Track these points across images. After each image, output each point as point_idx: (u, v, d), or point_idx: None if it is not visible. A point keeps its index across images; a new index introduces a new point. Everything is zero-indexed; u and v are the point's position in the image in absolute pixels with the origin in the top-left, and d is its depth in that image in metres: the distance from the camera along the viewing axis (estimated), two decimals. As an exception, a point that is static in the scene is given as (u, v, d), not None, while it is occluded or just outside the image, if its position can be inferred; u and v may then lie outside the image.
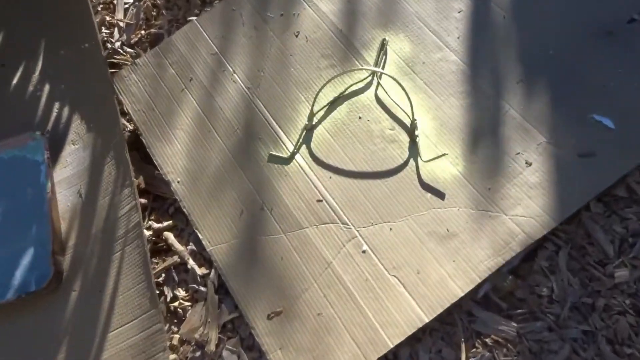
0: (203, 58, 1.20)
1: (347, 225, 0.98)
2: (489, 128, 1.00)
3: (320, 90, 1.06)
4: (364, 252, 0.96)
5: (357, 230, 0.98)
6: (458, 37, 1.09)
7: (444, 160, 0.99)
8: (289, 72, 1.14)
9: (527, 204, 0.92)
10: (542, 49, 1.04)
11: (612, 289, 0.86)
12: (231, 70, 1.17)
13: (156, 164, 1.12)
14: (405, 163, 1.01)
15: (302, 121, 1.09)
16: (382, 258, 0.95)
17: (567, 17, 1.06)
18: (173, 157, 1.12)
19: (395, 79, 1.02)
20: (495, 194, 0.95)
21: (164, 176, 1.11)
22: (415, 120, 1.02)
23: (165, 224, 1.09)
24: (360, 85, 1.10)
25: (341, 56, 1.13)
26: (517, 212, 0.92)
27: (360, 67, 1.11)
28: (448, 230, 0.94)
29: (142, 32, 1.30)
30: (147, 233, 1.07)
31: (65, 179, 1.17)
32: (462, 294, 0.88)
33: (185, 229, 1.09)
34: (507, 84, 1.03)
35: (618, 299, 0.85)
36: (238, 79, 1.16)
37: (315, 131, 1.08)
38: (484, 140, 0.99)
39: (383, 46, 1.11)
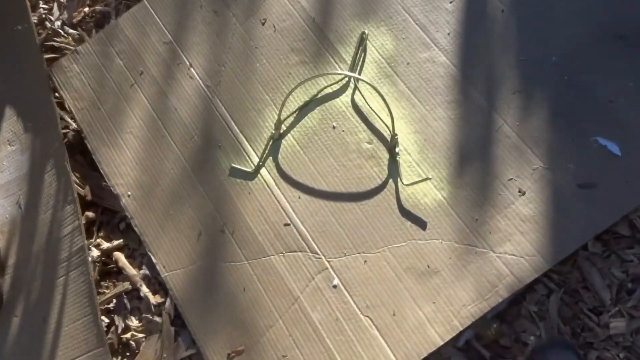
0: (155, 47, 1.04)
1: (317, 255, 0.88)
2: (480, 147, 0.88)
3: (288, 95, 0.92)
4: (334, 286, 0.86)
5: (328, 261, 0.87)
6: (449, 34, 0.94)
7: (428, 182, 0.88)
8: (253, 67, 1.00)
9: (518, 240, 0.82)
10: (544, 54, 0.90)
11: (606, 341, 0.78)
12: (187, 63, 1.02)
13: (103, 173, 0.99)
14: (384, 184, 0.90)
15: (268, 128, 0.96)
16: (354, 295, 0.85)
17: (575, 16, 0.92)
18: (122, 167, 0.99)
19: (374, 87, 0.89)
20: (483, 226, 0.84)
21: (112, 189, 0.98)
22: (396, 135, 0.89)
23: (116, 242, 0.98)
24: (335, 87, 0.96)
25: (314, 51, 0.98)
26: (506, 249, 0.82)
27: (335, 71, 0.97)
28: (429, 267, 0.84)
29: (86, 9, 1.13)
30: (95, 253, 0.96)
31: (3, 185, 1.04)
32: (442, 343, 0.80)
33: (137, 249, 0.97)
34: (502, 94, 0.90)
35: (612, 351, 0.77)
36: (195, 74, 1.01)
37: (283, 141, 0.95)
38: (473, 161, 0.88)
39: (362, 41, 0.97)
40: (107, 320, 0.93)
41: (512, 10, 0.93)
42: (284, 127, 0.95)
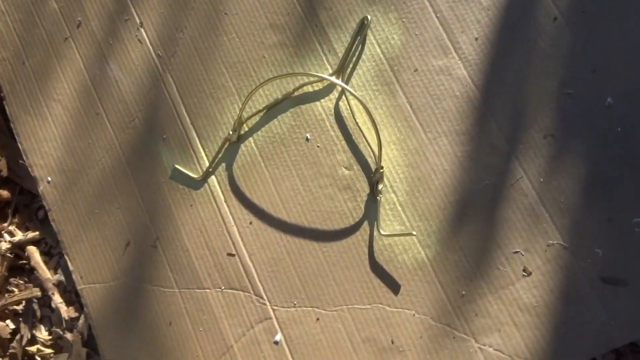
0: (99, -8, 0.81)
1: (262, 299, 0.71)
2: (486, 201, 0.68)
3: (257, 88, 0.71)
4: (276, 343, 0.70)
5: (273, 310, 0.71)
6: (476, 39, 0.71)
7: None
8: (219, 41, 0.77)
9: (510, 333, 0.65)
10: (598, 91, 0.67)
11: None
12: (137, 20, 0.79)
13: (21, 148, 0.80)
14: (357, 226, 0.71)
15: (227, 125, 0.75)
16: (297, 358, 0.70)
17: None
18: (44, 144, 0.80)
19: (362, 103, 0.67)
20: (470, 304, 0.67)
21: (29, 169, 0.80)
22: (382, 169, 0.69)
23: (31, 235, 0.81)
24: (317, 87, 0.74)
25: (297, 32, 0.75)
26: (492, 340, 0.65)
27: (320, 64, 0.74)
28: (393, 342, 0.68)
29: None
30: (5, 245, 0.80)
31: None
32: None
33: (55, 247, 0.81)
34: (529, 136, 0.68)
35: None
36: (145, 37, 0.79)
37: (242, 146, 0.75)
38: (474, 218, 0.68)
39: (362, 28, 0.73)
40: (12, 326, 0.79)
41: (569, 21, 0.69)
42: (245, 128, 0.75)
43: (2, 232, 0.81)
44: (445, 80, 0.71)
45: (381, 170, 0.69)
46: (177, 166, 0.75)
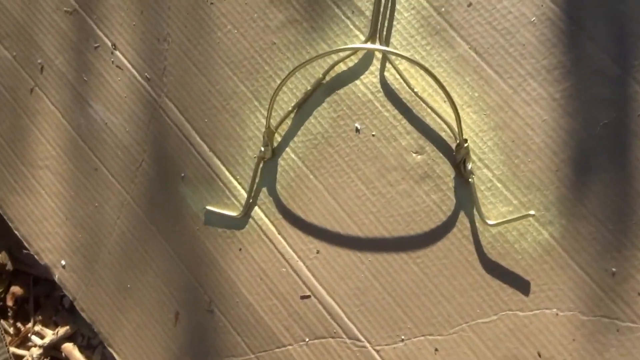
0: (53, 22, 0.65)
1: (359, 341, 0.57)
2: (610, 145, 0.52)
3: (280, 86, 0.55)
4: (391, 388, 0.56)
5: (377, 351, 0.56)
6: (540, -58, 0.53)
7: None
8: (213, 39, 0.61)
9: (691, 306, 0.50)
10: None
11: None
12: (109, 44, 0.63)
13: (19, 235, 0.66)
14: (452, 221, 0.55)
15: (254, 140, 0.60)
16: (424, 400, 0.55)
17: None
18: (44, 222, 0.65)
19: (417, 63, 0.51)
20: (626, 282, 0.51)
21: (37, 258, 0.65)
22: (466, 142, 0.53)
23: (62, 331, 0.68)
24: (352, 62, 0.58)
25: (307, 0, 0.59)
26: (669, 321, 0.50)
27: (348, 39, 0.57)
28: (540, 355, 0.53)
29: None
30: (36, 353, 0.66)
31: None
32: None
33: (94, 337, 0.67)
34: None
35: None
36: (124, 60, 0.63)
37: (280, 161, 0.59)
38: (600, 172, 0.52)
39: (388, -28, 0.56)
40: None
41: None
42: (277, 139, 0.59)
43: (29, 335, 0.67)
44: (511, 6, 0.54)
45: (465, 145, 0.53)
46: (208, 207, 0.60)
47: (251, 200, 0.60)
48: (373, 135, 0.57)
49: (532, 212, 0.52)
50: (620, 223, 0.51)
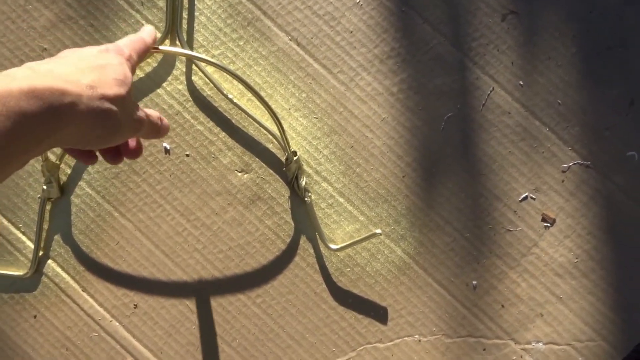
0: None
1: (198, 406, 0.47)
2: (457, 142, 0.45)
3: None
4: None
5: (222, 413, 0.47)
6: None
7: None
8: (-37, 49, 0.46)
9: (556, 313, 0.45)
10: None
11: None
12: None
13: None
14: (292, 249, 0.46)
15: (33, 177, 0.46)
16: None
17: None
18: None
19: (225, 69, 0.41)
20: (488, 295, 0.45)
21: None
22: (296, 155, 0.44)
23: None
24: (148, 67, 0.46)
25: (82, -8, 0.46)
26: (537, 333, 0.45)
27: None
28: (405, 390, 0.46)
29: None
30: None
31: None
32: None
33: None
34: (481, 25, 0.45)
35: None
36: None
37: (73, 199, 0.47)
38: (449, 175, 0.45)
39: (180, -50, 0.45)
40: None
41: None
42: (67, 171, 0.46)
43: None
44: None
45: (295, 158, 0.44)
46: (-16, 268, 0.46)
47: (41, 253, 0.46)
48: (187, 155, 0.46)
49: (378, 230, 0.44)
50: (476, 229, 0.45)
